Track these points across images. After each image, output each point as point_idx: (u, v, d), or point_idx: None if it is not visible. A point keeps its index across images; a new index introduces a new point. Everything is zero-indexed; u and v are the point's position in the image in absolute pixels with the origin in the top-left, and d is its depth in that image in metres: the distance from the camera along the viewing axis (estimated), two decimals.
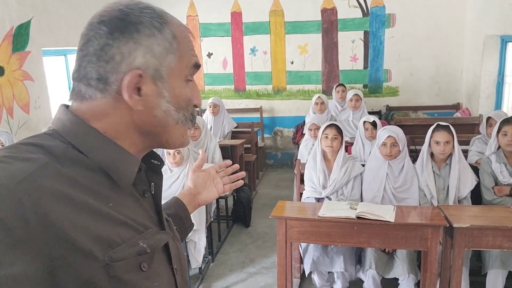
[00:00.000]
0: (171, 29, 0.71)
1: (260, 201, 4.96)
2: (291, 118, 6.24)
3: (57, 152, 0.63)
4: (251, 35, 6.17)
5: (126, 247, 0.64)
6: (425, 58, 5.76)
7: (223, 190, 1.19)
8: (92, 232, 0.60)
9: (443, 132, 2.84)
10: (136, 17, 0.68)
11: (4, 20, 3.80)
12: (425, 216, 2.54)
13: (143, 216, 0.73)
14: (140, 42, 0.68)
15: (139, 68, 0.68)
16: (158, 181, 0.80)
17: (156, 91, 0.70)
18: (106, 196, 0.65)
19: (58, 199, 0.58)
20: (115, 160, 0.68)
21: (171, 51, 0.70)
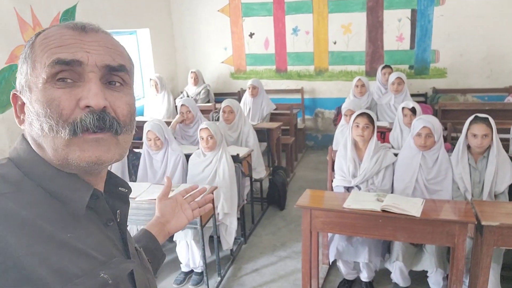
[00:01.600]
0: (33, 39, 0.69)
1: (297, 184, 4.98)
2: (333, 99, 6.15)
3: (14, 182, 0.62)
4: (293, 14, 6.07)
5: (86, 279, 0.60)
6: (477, 38, 5.43)
7: (192, 215, 1.16)
8: (49, 263, 0.57)
9: (481, 125, 2.71)
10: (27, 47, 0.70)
11: (50, 5, 3.98)
12: (455, 211, 2.47)
13: (107, 245, 0.70)
14: (20, 67, 0.69)
15: (16, 88, 0.70)
16: (124, 210, 0.78)
17: (26, 104, 0.67)
18: (65, 226, 0.62)
19: (14, 229, 0.56)
20: (64, 188, 0.66)
21: (25, 60, 0.67)
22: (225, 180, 3.22)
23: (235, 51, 6.45)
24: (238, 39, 6.39)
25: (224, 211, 3.19)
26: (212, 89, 6.22)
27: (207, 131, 3.21)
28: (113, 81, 0.69)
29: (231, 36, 6.40)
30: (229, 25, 6.36)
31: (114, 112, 0.68)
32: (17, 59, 3.05)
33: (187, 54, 6.65)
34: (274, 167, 4.52)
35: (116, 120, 0.67)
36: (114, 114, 0.68)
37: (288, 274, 3.23)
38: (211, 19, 6.38)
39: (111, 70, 0.68)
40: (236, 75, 6.55)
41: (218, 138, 3.28)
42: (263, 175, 4.18)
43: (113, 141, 0.67)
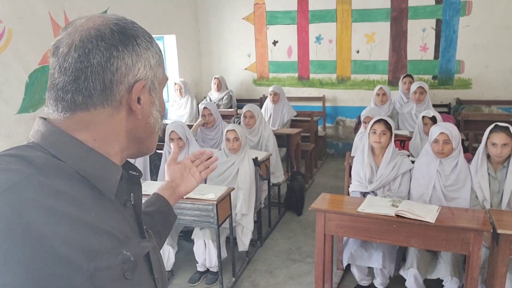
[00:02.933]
0: (157, 43, 0.77)
1: (315, 190, 4.98)
2: (354, 108, 6.14)
3: (39, 163, 0.63)
4: (317, 23, 6.12)
5: (110, 256, 0.63)
6: (504, 49, 5.35)
7: (200, 177, 1.21)
8: (75, 242, 0.60)
9: (501, 134, 2.69)
10: (133, 31, 0.72)
11: (83, 10, 4.16)
12: (471, 219, 2.45)
13: (125, 225, 0.73)
14: (140, 54, 0.72)
15: (142, 79, 0.72)
16: (137, 192, 0.81)
17: (150, 101, 0.75)
18: (89, 206, 0.65)
19: (41, 210, 0.58)
20: (98, 169, 0.69)
21: (160, 63, 0.77)
22: (245, 181, 3.28)
23: (258, 58, 6.54)
24: (261, 47, 6.48)
25: (242, 212, 3.25)
26: (235, 95, 6.32)
27: (234, 132, 3.29)
28: None
29: (255, 43, 6.49)
30: (253, 32, 6.46)
31: None
32: None
33: (211, 60, 6.78)
34: (292, 172, 4.55)
35: None
36: None
37: (301, 278, 3.25)
38: (236, 27, 6.49)
39: None
40: (258, 82, 6.63)
41: (243, 140, 3.36)
42: (281, 179, 4.22)
43: None
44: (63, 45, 0.69)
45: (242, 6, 6.39)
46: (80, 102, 0.68)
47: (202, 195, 2.90)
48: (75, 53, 0.67)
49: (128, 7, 4.85)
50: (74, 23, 0.71)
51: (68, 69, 0.67)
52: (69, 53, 0.68)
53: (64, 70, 0.68)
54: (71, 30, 0.70)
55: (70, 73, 0.67)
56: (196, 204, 2.86)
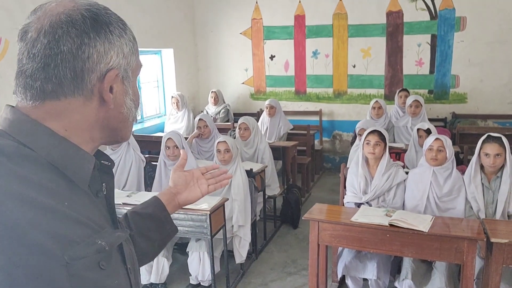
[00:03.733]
0: (130, 31, 0.76)
1: (312, 204, 4.83)
2: (351, 122, 6.15)
3: (8, 151, 0.62)
4: (314, 38, 6.19)
5: (85, 245, 0.62)
6: (498, 64, 5.40)
7: (207, 190, 1.16)
8: (50, 231, 0.59)
9: (493, 144, 2.70)
10: (106, 17, 0.70)
11: None
12: (465, 228, 2.44)
13: (98, 215, 0.72)
14: (113, 42, 0.70)
15: (115, 67, 0.70)
16: (109, 181, 0.80)
17: (123, 90, 0.74)
18: (62, 195, 0.64)
19: (14, 198, 0.58)
20: (70, 158, 0.68)
21: (134, 51, 0.75)
22: (239, 193, 3.27)
23: (255, 72, 6.59)
24: (259, 61, 6.53)
25: (239, 223, 3.24)
26: (232, 109, 6.34)
27: (224, 144, 3.30)
28: None
29: (252, 58, 6.55)
30: (250, 47, 6.52)
31: None
32: None
33: (209, 74, 6.83)
34: (288, 185, 4.54)
35: None
36: None
37: None
38: (234, 41, 6.56)
39: None
40: (256, 96, 6.66)
41: (234, 152, 3.36)
42: (277, 192, 4.21)
43: None
44: (32, 30, 0.66)
45: (239, 21, 6.47)
46: (50, 90, 0.66)
47: (195, 205, 2.88)
48: (44, 38, 0.65)
49: (127, 21, 4.89)
50: (43, 6, 0.69)
51: (37, 55, 0.65)
52: (38, 39, 0.65)
53: (33, 56, 0.66)
54: (41, 14, 0.67)
55: (39, 60, 0.65)
56: (189, 214, 2.85)
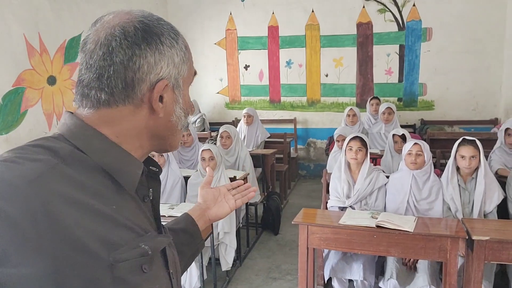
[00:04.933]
0: (183, 40, 0.77)
1: (290, 210, 5.04)
2: (325, 130, 6.32)
3: (63, 154, 0.65)
4: (287, 48, 6.33)
5: (128, 248, 0.65)
6: (462, 72, 5.70)
7: (234, 205, 1.19)
8: (97, 234, 0.61)
9: (469, 147, 2.86)
10: (157, 29, 0.72)
11: (58, 33, 4.15)
12: (447, 228, 2.57)
13: (143, 220, 0.74)
14: (164, 52, 0.72)
15: (165, 77, 0.72)
16: (156, 187, 0.82)
17: (173, 99, 0.75)
18: (110, 199, 0.67)
19: (66, 201, 0.60)
20: (120, 163, 0.70)
21: (185, 61, 0.76)
22: None
23: (230, 82, 6.65)
24: (233, 71, 6.60)
25: (224, 230, 3.26)
26: (208, 118, 6.37)
27: (209, 152, 3.32)
28: None
29: (226, 67, 6.62)
30: (225, 57, 6.59)
31: None
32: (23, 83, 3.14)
33: None
34: (268, 192, 4.60)
35: None
36: None
37: None
38: (208, 51, 6.61)
39: None
40: (231, 105, 6.72)
41: (218, 159, 3.39)
42: (258, 199, 4.26)
43: None
44: (90, 41, 0.71)
45: (214, 31, 6.53)
46: (103, 99, 0.70)
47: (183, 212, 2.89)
48: (100, 50, 0.69)
49: None
50: (102, 19, 0.73)
51: (93, 66, 0.69)
52: (94, 50, 0.69)
53: (90, 66, 0.70)
54: (99, 27, 0.71)
55: (94, 70, 0.69)
56: None
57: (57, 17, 4.14)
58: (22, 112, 3.72)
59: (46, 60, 4.02)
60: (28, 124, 3.79)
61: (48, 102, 4.06)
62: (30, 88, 3.82)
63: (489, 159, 3.60)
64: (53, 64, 4.12)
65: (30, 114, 3.83)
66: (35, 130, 3.83)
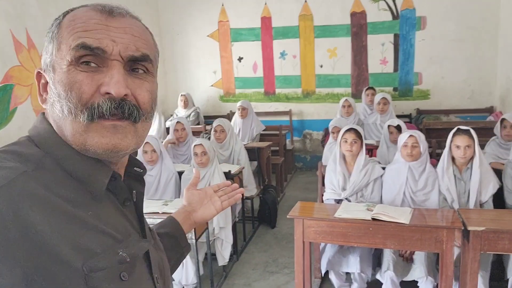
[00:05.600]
0: (61, 18, 0.68)
1: (286, 203, 5.02)
2: (320, 121, 6.29)
3: (34, 161, 0.62)
4: (281, 39, 6.27)
5: (105, 256, 0.62)
6: (457, 61, 5.67)
7: (221, 207, 1.16)
8: (71, 241, 0.58)
9: (463, 136, 2.83)
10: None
11: (45, 28, 4.03)
12: (443, 219, 2.55)
13: (124, 224, 0.71)
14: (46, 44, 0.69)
15: (41, 66, 0.70)
16: (140, 189, 0.79)
17: (49, 84, 0.68)
18: (85, 204, 0.64)
19: (37, 207, 0.57)
20: (84, 171, 0.66)
21: (52, 40, 0.67)
22: None
23: (224, 74, 6.60)
24: (227, 63, 6.54)
25: (219, 225, 3.23)
26: (202, 111, 6.33)
27: (201, 147, 3.29)
28: (137, 68, 0.69)
29: (220, 60, 6.56)
30: (218, 49, 6.53)
31: (135, 99, 0.68)
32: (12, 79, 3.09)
33: (177, 77, 6.78)
34: (264, 185, 4.58)
35: (137, 107, 0.68)
36: (135, 102, 0.68)
37: None
38: (201, 44, 6.54)
39: (135, 60, 0.68)
40: (225, 98, 6.67)
41: (211, 154, 3.36)
42: (254, 192, 4.23)
43: (130, 129, 0.67)
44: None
45: (206, 23, 6.46)
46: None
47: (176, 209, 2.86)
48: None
49: None
50: None
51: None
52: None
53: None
54: None
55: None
56: None
57: (44, 11, 4.07)
58: (11, 110, 3.66)
59: (35, 56, 3.96)
60: (18, 122, 3.74)
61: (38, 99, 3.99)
62: (19, 85, 3.76)
63: (483, 151, 3.57)
64: (41, 60, 4.04)
65: (20, 111, 3.77)
66: (25, 127, 3.77)
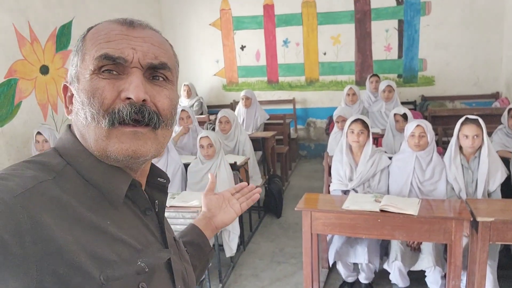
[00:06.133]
0: (85, 33, 0.73)
1: (292, 192, 5.04)
2: (324, 109, 6.26)
3: (56, 170, 0.64)
4: (284, 27, 6.20)
5: (123, 265, 0.62)
6: (463, 47, 5.60)
7: (240, 209, 1.15)
8: (88, 249, 0.59)
9: (471, 126, 2.81)
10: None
11: (47, 21, 4.04)
12: (451, 210, 2.55)
13: (145, 234, 0.72)
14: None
15: (66, 80, 0.73)
16: (162, 199, 0.80)
17: (74, 95, 0.70)
18: (104, 213, 0.65)
19: (55, 215, 0.58)
20: (104, 178, 0.67)
21: (77, 53, 0.71)
22: (224, 186, 3.26)
23: (227, 63, 6.55)
24: (229, 52, 6.49)
25: None
26: (205, 101, 6.30)
27: (207, 139, 3.28)
28: (157, 76, 0.71)
29: (222, 49, 6.50)
30: (220, 38, 6.47)
31: (155, 105, 0.69)
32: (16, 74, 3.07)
33: (179, 67, 6.70)
34: (270, 175, 4.57)
35: (157, 114, 0.69)
36: (155, 108, 0.69)
37: (287, 279, 3.27)
38: (203, 33, 6.48)
39: (154, 68, 0.70)
40: (228, 87, 6.63)
41: (217, 146, 3.35)
42: (259, 183, 4.23)
43: (150, 135, 0.68)
44: None
45: (208, 12, 6.39)
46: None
47: (186, 202, 2.87)
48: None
49: (93, 17, 4.75)
50: None
51: None
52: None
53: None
54: None
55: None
56: (180, 212, 2.83)
57: (45, 4, 4.02)
58: (16, 104, 3.65)
59: (38, 49, 3.93)
60: (23, 116, 3.73)
61: (42, 92, 3.99)
62: (23, 79, 3.74)
63: (490, 140, 3.55)
64: (45, 53, 4.03)
65: (25, 105, 3.76)
66: (30, 121, 3.77)
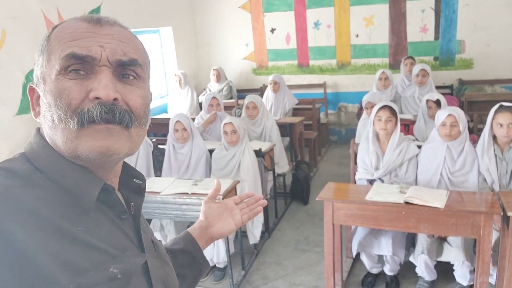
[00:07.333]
0: (50, 32, 0.69)
1: (320, 178, 4.96)
2: (356, 93, 6.09)
3: (24, 176, 0.62)
4: (314, 8, 6.04)
5: (95, 273, 0.59)
6: (505, 27, 5.27)
7: (240, 221, 1.07)
8: (58, 257, 0.56)
9: (506, 113, 2.65)
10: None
11: (76, 7, 4.09)
12: (481, 202, 2.43)
13: (120, 238, 0.69)
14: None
15: (33, 81, 0.70)
16: (138, 201, 0.77)
17: (41, 96, 0.67)
18: (76, 220, 0.62)
19: (21, 222, 0.56)
20: (74, 182, 0.65)
21: (42, 53, 0.68)
22: (248, 173, 3.26)
23: (256, 47, 6.47)
24: (259, 35, 6.40)
25: None
26: (235, 85, 6.27)
27: (231, 125, 3.26)
28: (127, 74, 0.68)
29: (252, 32, 6.42)
30: (250, 21, 6.38)
31: (127, 104, 0.67)
32: None
33: (209, 51, 6.71)
34: (297, 161, 4.53)
35: (128, 112, 0.66)
36: (127, 107, 0.67)
37: (311, 267, 3.24)
38: (233, 16, 6.41)
39: (123, 65, 0.67)
40: (258, 71, 6.57)
41: (241, 132, 3.33)
42: (286, 169, 4.20)
43: (124, 133, 0.66)
44: None
45: None
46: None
47: (207, 189, 2.87)
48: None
49: (123, 1, 4.78)
50: None
51: None
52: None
53: None
54: None
55: None
56: (202, 199, 2.82)
57: None
58: None
59: None
60: None
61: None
62: None
63: None
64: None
65: None
66: None
